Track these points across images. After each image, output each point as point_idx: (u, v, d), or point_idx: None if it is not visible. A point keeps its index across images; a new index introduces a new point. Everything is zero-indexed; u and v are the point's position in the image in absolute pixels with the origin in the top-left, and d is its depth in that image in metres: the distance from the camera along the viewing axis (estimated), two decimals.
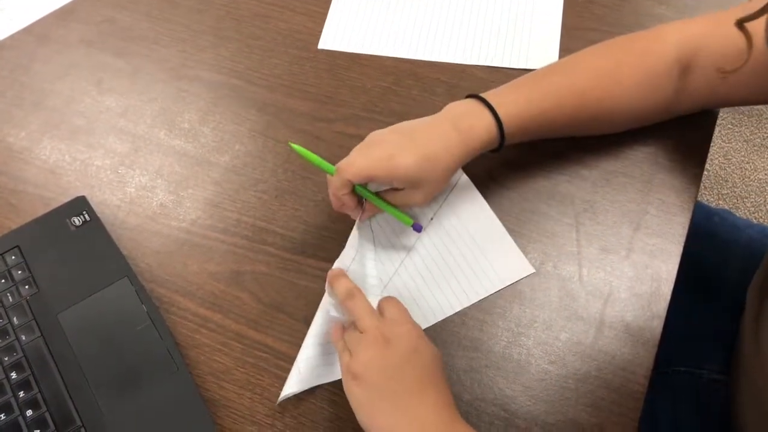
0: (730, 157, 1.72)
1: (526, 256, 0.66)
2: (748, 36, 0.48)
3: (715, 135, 1.75)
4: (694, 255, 0.80)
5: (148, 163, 0.75)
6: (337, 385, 0.60)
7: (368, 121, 0.76)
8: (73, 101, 0.81)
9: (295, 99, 0.78)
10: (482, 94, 0.64)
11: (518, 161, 0.71)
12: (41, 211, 0.70)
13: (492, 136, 0.63)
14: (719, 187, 1.68)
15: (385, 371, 0.53)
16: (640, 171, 0.70)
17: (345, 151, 0.73)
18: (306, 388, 0.60)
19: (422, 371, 0.54)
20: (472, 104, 0.64)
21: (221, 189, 0.72)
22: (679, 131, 0.72)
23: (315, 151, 0.73)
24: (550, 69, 0.68)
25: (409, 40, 0.82)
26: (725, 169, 1.70)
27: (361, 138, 0.73)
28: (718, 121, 1.78)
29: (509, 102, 0.64)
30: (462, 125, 0.63)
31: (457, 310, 0.63)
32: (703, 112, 0.72)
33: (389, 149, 0.61)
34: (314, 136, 0.75)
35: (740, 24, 0.51)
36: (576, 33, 0.80)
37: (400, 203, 0.65)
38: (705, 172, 1.69)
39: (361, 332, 0.55)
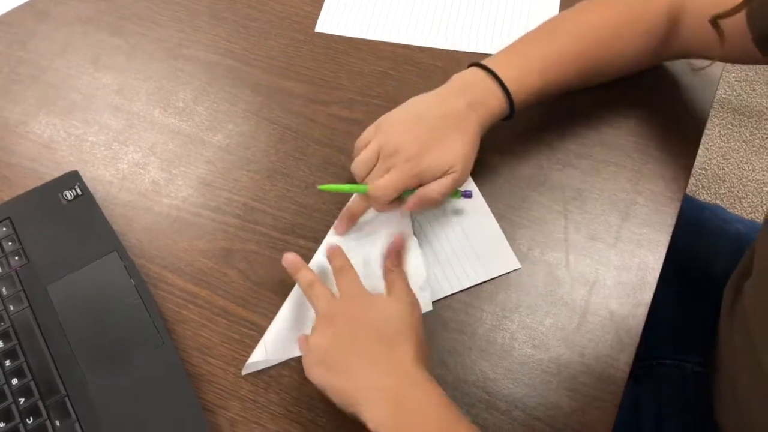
0: (728, 157, 1.72)
1: (514, 242, 0.66)
2: (720, 32, 0.49)
3: (714, 135, 1.76)
4: (684, 248, 0.81)
5: (141, 140, 0.75)
6: None
7: (363, 105, 0.76)
8: (69, 77, 0.81)
9: (291, 81, 0.78)
10: (489, 64, 0.65)
11: (510, 149, 0.72)
12: (34, 184, 0.71)
13: (503, 109, 0.65)
14: (716, 186, 1.68)
15: (332, 351, 0.55)
16: (630, 161, 0.70)
17: (339, 133, 0.74)
18: (271, 361, 0.60)
19: (375, 337, 0.55)
20: (481, 78, 0.65)
21: (214, 168, 0.73)
22: (671, 122, 0.72)
23: (307, 133, 0.74)
24: (551, 29, 0.69)
25: (406, 25, 0.82)
26: (723, 168, 1.70)
27: (356, 121, 0.74)
28: (718, 121, 1.78)
29: (517, 75, 0.65)
30: (474, 102, 0.64)
31: (440, 297, 0.64)
32: (695, 107, 0.73)
33: (413, 152, 0.62)
34: (308, 118, 0.75)
35: (714, 21, 0.52)
36: None
37: (443, 190, 0.63)
38: (703, 171, 1.69)
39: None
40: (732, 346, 0.63)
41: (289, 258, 0.62)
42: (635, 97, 0.74)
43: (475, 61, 0.66)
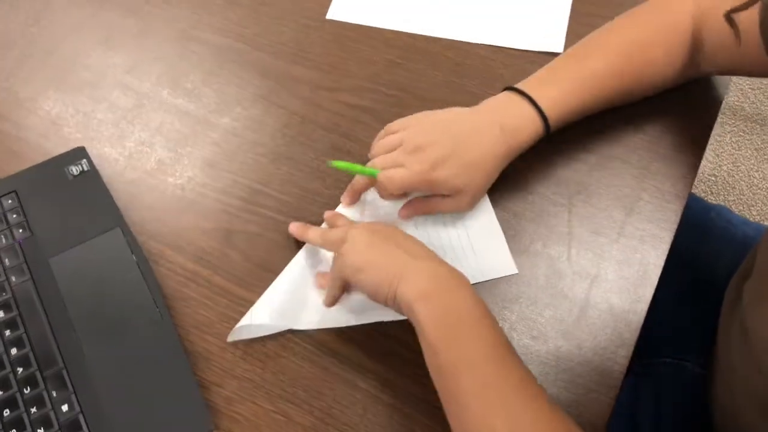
0: (739, 164, 1.71)
1: (516, 234, 0.66)
2: (735, 27, 0.48)
3: (725, 141, 1.75)
4: (688, 248, 0.80)
5: (149, 120, 0.76)
6: (317, 343, 0.61)
7: (372, 92, 0.76)
8: (81, 55, 0.81)
9: (299, 66, 0.79)
10: (524, 89, 0.65)
11: None
12: (41, 159, 0.71)
13: (539, 133, 0.65)
14: (726, 193, 1.67)
15: (369, 239, 0.57)
16: (637, 158, 0.70)
17: (346, 120, 0.74)
18: (255, 328, 0.61)
19: (394, 235, 0.57)
20: (517, 103, 0.64)
21: (219, 149, 0.73)
22: (680, 122, 0.72)
23: (313, 119, 0.74)
24: (584, 51, 0.69)
25: (417, 15, 0.82)
26: (733, 176, 1.69)
27: (364, 109, 0.74)
28: (729, 128, 1.77)
29: (552, 97, 0.65)
30: (508, 126, 0.63)
31: None
32: (705, 107, 0.72)
33: (432, 157, 0.61)
34: (315, 104, 0.75)
35: (728, 16, 0.52)
36: (586, 20, 0.79)
37: (447, 209, 0.66)
38: (712, 178, 1.69)
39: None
40: (730, 348, 0.63)
41: (295, 225, 0.64)
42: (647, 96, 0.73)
43: (509, 85, 0.66)
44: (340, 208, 0.67)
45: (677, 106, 0.73)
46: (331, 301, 0.61)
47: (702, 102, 0.73)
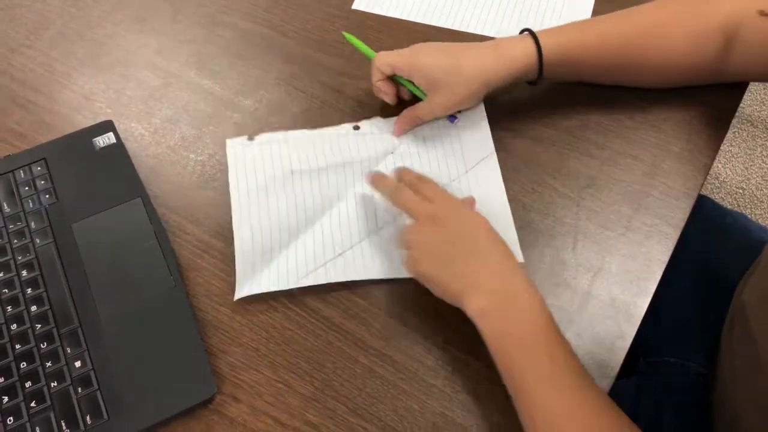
0: None
1: (524, 223, 0.67)
2: None
3: (755, 155, 1.72)
4: (701, 251, 0.81)
5: (176, 98, 0.78)
6: (322, 318, 0.63)
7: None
8: (115, 35, 0.85)
9: (323, 54, 0.81)
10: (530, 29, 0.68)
11: (531, 134, 0.73)
12: (72, 131, 0.74)
13: (530, 61, 0.67)
14: (753, 206, 1.65)
15: (441, 245, 0.58)
16: (650, 155, 0.71)
17: (364, 107, 0.76)
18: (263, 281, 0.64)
19: (474, 237, 0.58)
20: (518, 36, 0.68)
21: (241, 130, 0.75)
22: (695, 122, 0.72)
23: (334, 104, 0.77)
24: (601, 17, 0.70)
25: (441, 8, 0.84)
26: (762, 189, 1.67)
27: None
28: (761, 141, 1.75)
29: (552, 33, 0.67)
30: (501, 46, 0.67)
31: None
32: (721, 108, 0.72)
33: (419, 51, 0.67)
34: (335, 90, 0.77)
35: (764, 12, 0.52)
36: None
37: (424, 113, 0.70)
38: (740, 191, 1.67)
39: (413, 219, 0.60)
40: (733, 349, 0.63)
41: (371, 175, 0.66)
42: (661, 94, 0.74)
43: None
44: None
45: (693, 107, 0.73)
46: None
47: (719, 104, 0.73)
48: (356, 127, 0.74)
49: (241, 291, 0.63)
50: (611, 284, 0.63)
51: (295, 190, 0.69)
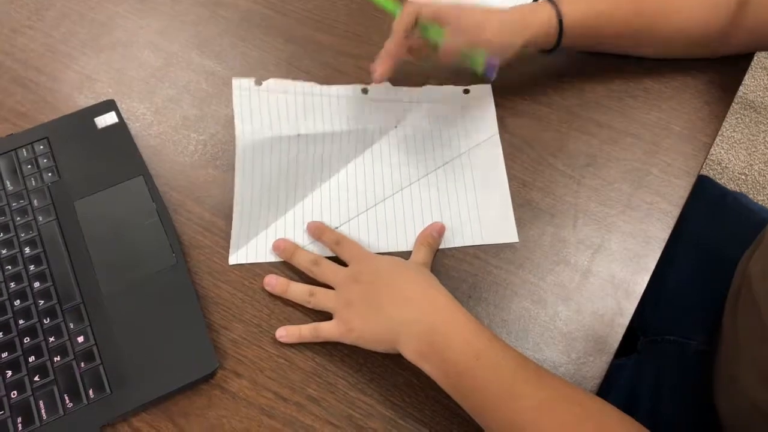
0: None
1: (524, 201, 0.67)
2: None
3: (758, 141, 1.72)
4: (702, 231, 0.81)
5: (177, 78, 0.78)
6: None
7: None
8: (117, 16, 0.85)
9: (323, 33, 0.81)
10: None
11: (532, 113, 0.73)
12: (73, 110, 0.75)
13: (551, 27, 0.67)
14: (755, 192, 1.65)
15: (366, 297, 0.58)
16: (650, 134, 0.71)
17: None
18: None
19: (393, 278, 0.59)
20: (535, 2, 0.69)
21: None
22: (696, 101, 0.72)
23: (335, 83, 0.76)
24: None
25: None
26: (765, 175, 1.67)
27: None
28: (764, 128, 1.74)
29: (572, 1, 0.68)
30: (522, 12, 0.67)
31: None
32: (723, 87, 0.72)
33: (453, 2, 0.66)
34: (336, 69, 0.77)
35: None
36: None
37: (449, 46, 0.66)
38: (743, 177, 1.66)
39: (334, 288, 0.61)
40: (736, 321, 0.63)
41: (280, 245, 0.65)
42: (663, 73, 0.74)
43: None
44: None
45: (694, 86, 0.73)
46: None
47: (721, 83, 0.73)
48: (365, 90, 0.74)
49: (237, 255, 0.65)
50: (611, 261, 0.63)
51: (299, 156, 0.70)
